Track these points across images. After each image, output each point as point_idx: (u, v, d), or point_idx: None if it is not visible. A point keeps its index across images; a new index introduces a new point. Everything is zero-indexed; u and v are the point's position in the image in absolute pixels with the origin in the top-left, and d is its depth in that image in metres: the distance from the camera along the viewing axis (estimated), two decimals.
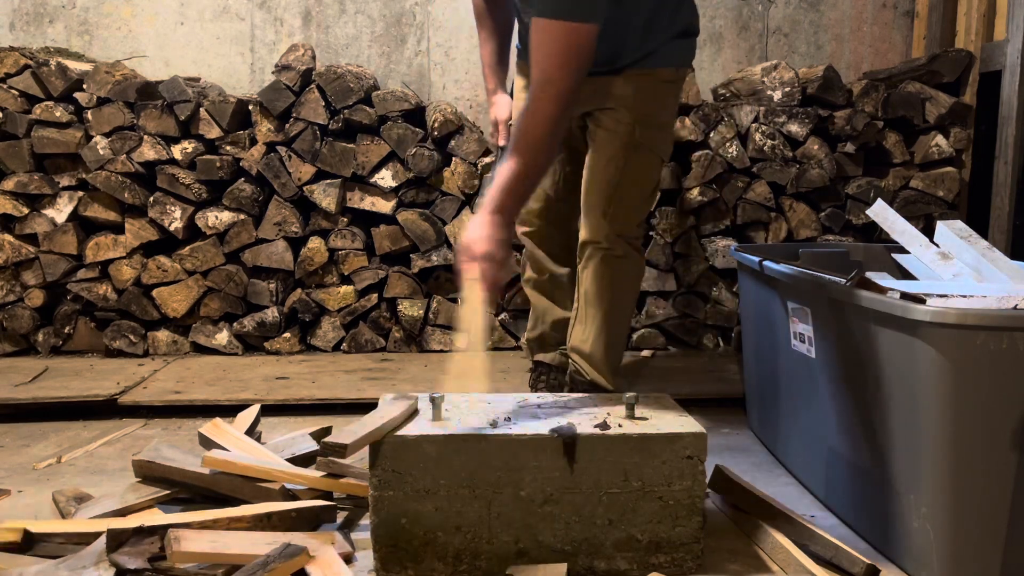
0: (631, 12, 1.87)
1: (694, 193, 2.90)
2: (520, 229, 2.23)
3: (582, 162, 2.13)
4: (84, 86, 2.86)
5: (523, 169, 1.65)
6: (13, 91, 2.83)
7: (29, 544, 1.48)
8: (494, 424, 1.46)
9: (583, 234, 2.02)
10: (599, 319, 2.02)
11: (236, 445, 1.84)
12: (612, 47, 1.89)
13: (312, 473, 1.71)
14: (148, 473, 1.77)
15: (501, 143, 2.24)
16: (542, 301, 2.26)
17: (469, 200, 2.93)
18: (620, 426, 1.46)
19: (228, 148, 2.89)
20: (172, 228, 2.87)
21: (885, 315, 1.45)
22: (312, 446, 1.96)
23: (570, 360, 2.10)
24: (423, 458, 1.41)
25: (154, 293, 2.89)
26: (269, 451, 1.84)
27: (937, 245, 2.14)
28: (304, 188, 2.89)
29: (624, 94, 1.95)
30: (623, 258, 2.01)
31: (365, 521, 1.63)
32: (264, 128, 2.87)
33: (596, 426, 1.46)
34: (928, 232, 2.25)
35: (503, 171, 1.65)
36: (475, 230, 1.60)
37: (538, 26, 1.65)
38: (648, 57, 1.95)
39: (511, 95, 2.27)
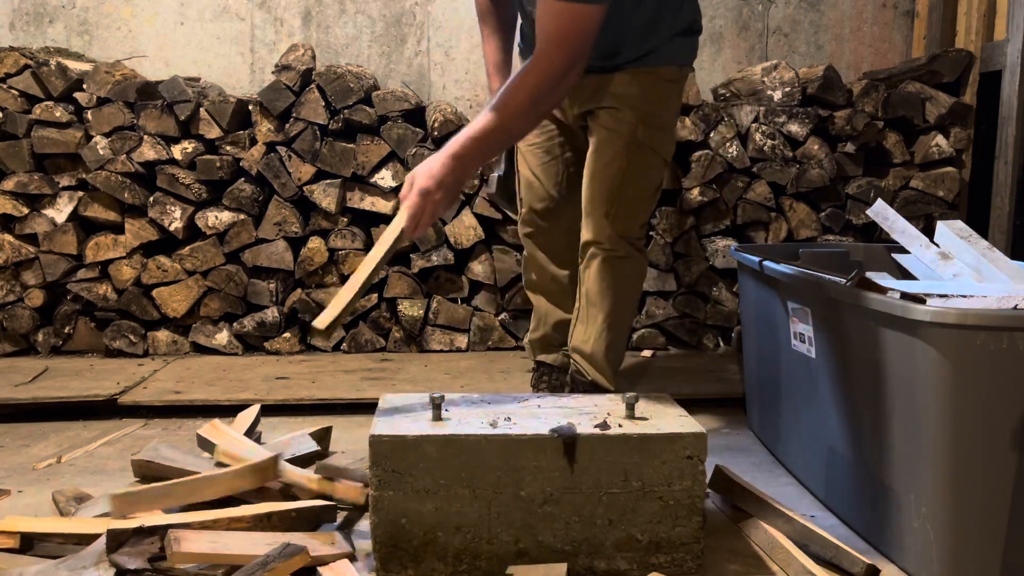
0: (633, 8, 1.87)
1: (694, 193, 2.90)
2: (522, 230, 2.23)
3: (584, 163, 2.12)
4: (84, 86, 2.87)
5: (494, 128, 1.65)
6: (13, 91, 2.84)
7: (29, 544, 1.48)
8: (494, 424, 1.46)
9: (585, 235, 2.01)
10: (600, 319, 2.02)
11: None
12: (612, 42, 1.88)
13: (311, 475, 1.70)
14: (147, 473, 1.77)
15: None
16: (543, 303, 2.26)
17: (469, 200, 2.93)
18: (620, 426, 1.46)
19: (228, 148, 2.89)
20: (172, 228, 2.87)
21: (885, 315, 1.45)
22: (312, 446, 1.96)
23: (571, 360, 2.10)
24: (423, 458, 1.41)
25: (154, 293, 2.89)
26: (269, 452, 1.84)
27: (937, 245, 2.14)
28: (304, 188, 2.89)
29: (627, 93, 1.94)
30: (625, 259, 2.01)
31: (365, 521, 1.63)
32: (264, 128, 2.87)
33: (596, 426, 1.45)
34: (928, 232, 2.25)
35: (475, 122, 1.66)
36: (425, 164, 1.63)
37: (543, 6, 1.67)
38: (651, 55, 1.94)
39: None
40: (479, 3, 2.14)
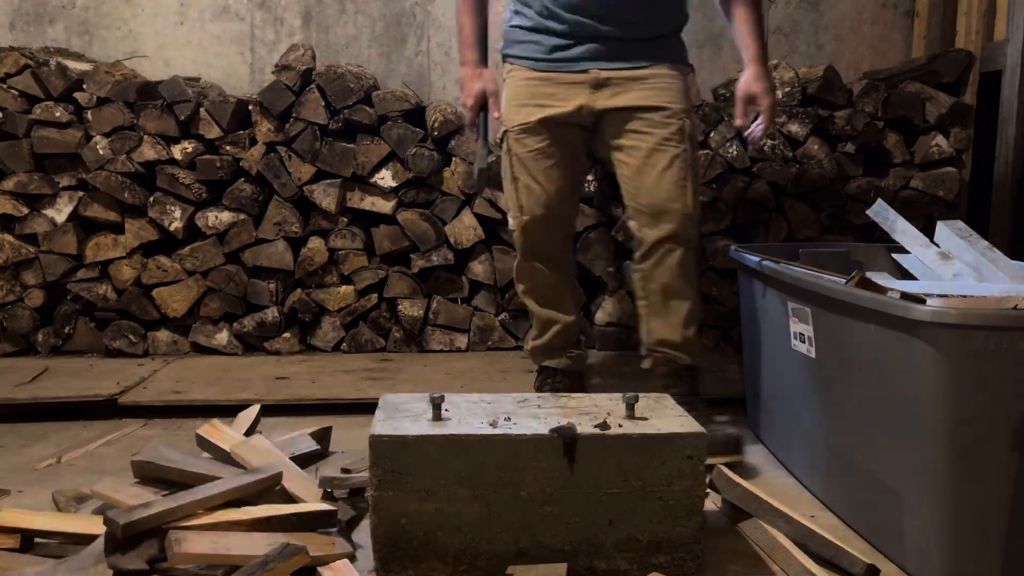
0: None
1: None
2: (520, 238, 2.20)
3: (579, 168, 2.19)
4: (84, 86, 2.86)
5: (760, 20, 2.08)
6: (13, 91, 2.83)
7: (29, 544, 1.48)
8: (494, 424, 1.46)
9: (657, 232, 2.04)
10: (687, 308, 2.09)
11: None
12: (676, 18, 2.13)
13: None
14: (146, 474, 1.77)
15: (496, 115, 2.20)
16: (543, 310, 2.25)
17: (469, 200, 2.93)
18: (620, 426, 1.46)
19: (228, 148, 2.89)
20: (172, 228, 2.87)
21: (885, 315, 1.45)
22: (312, 446, 1.96)
23: (657, 354, 2.13)
24: (423, 458, 1.41)
25: (154, 293, 2.89)
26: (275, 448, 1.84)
27: (937, 245, 2.14)
28: (304, 188, 2.89)
29: (670, 88, 2.09)
30: (696, 251, 2.13)
31: (365, 522, 1.63)
32: (264, 128, 2.87)
33: (596, 426, 1.46)
34: (928, 232, 2.25)
35: (749, 33, 2.07)
36: (755, 85, 2.06)
37: None
38: (680, 51, 2.17)
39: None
40: None
